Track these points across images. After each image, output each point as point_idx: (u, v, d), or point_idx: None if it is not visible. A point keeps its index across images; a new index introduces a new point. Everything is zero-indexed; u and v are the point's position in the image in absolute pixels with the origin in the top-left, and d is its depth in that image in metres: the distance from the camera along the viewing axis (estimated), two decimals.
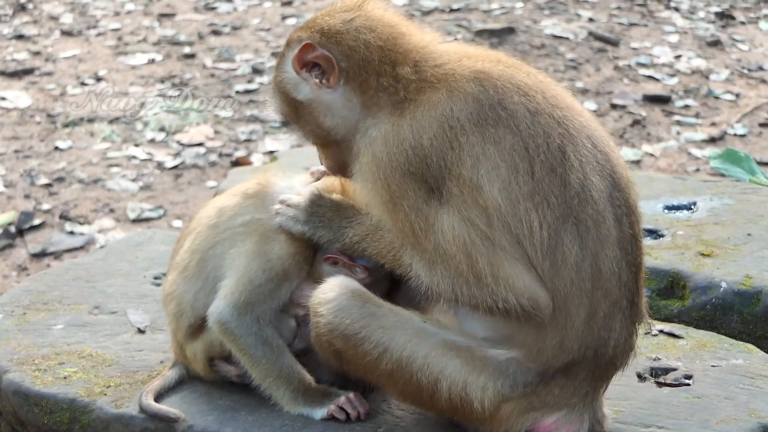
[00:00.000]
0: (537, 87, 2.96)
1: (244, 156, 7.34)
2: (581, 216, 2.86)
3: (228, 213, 3.21)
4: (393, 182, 2.90)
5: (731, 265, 3.98)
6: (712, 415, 3.20)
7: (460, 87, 2.90)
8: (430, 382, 2.93)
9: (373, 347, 2.93)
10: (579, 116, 2.99)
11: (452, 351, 2.94)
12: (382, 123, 2.96)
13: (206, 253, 3.21)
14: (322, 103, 3.07)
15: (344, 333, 2.94)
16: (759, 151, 7.46)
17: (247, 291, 3.10)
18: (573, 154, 2.89)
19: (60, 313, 3.81)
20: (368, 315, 2.95)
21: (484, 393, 2.93)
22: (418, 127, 2.89)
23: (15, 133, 7.81)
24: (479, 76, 2.92)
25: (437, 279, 2.89)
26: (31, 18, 10.21)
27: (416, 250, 2.91)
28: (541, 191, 2.84)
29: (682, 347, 3.57)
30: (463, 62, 2.98)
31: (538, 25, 9.64)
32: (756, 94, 8.45)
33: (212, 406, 3.21)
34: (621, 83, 8.57)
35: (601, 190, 2.91)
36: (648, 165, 7.26)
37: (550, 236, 2.84)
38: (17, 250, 6.26)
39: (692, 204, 4.55)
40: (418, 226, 2.88)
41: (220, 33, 9.69)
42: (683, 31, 9.69)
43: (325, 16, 3.12)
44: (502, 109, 2.88)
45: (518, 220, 2.84)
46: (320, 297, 2.98)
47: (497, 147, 2.85)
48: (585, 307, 2.88)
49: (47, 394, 3.32)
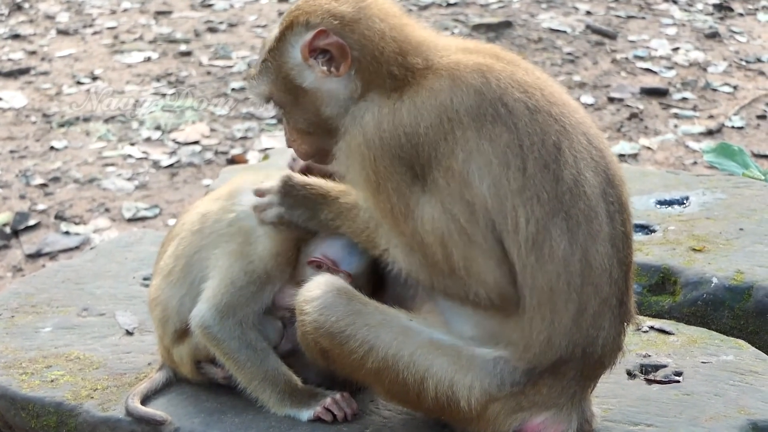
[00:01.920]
0: (536, 84, 2.95)
1: (240, 154, 7.33)
2: (572, 211, 2.84)
3: (212, 218, 3.20)
4: (381, 163, 2.87)
5: (723, 261, 3.95)
6: (702, 412, 3.18)
7: (463, 77, 2.88)
8: (416, 380, 2.91)
9: (359, 345, 2.91)
10: (575, 113, 2.97)
11: (439, 350, 2.93)
12: (377, 105, 2.92)
13: (191, 258, 3.20)
14: (326, 91, 2.99)
15: (330, 331, 2.92)
16: (756, 144, 7.44)
17: (228, 293, 3.09)
18: (568, 150, 2.88)
19: (48, 315, 3.80)
20: (354, 313, 2.93)
21: (471, 392, 2.91)
22: (416, 114, 2.86)
23: (10, 133, 7.80)
24: (482, 69, 2.90)
25: (415, 267, 2.90)
26: (27, 17, 10.19)
27: (393, 233, 2.90)
28: (532, 187, 2.82)
29: (672, 344, 3.55)
30: (468, 55, 2.96)
31: (535, 19, 9.61)
32: (754, 86, 8.42)
33: (199, 408, 3.19)
34: (618, 76, 8.54)
35: (594, 185, 2.89)
36: (645, 158, 7.24)
37: (538, 231, 2.82)
38: (12, 250, 6.26)
39: (684, 199, 4.52)
40: (398, 210, 2.87)
41: (217, 30, 9.68)
42: (681, 24, 9.66)
43: (331, 0, 3.00)
44: (502, 105, 2.86)
45: (504, 216, 2.82)
46: (306, 295, 2.96)
47: (492, 144, 2.83)
48: (574, 303, 2.86)
49: (34, 398, 3.30)
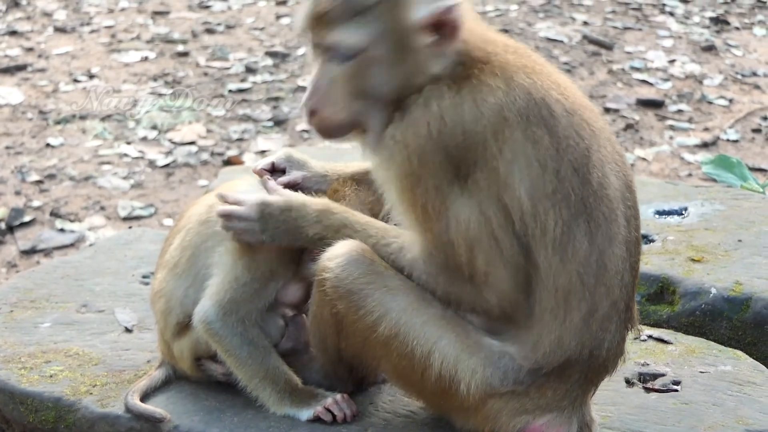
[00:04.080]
0: (568, 87, 2.99)
1: (236, 155, 7.32)
2: (594, 213, 2.89)
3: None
4: (432, 158, 2.86)
5: (721, 271, 3.97)
6: (700, 421, 3.19)
7: (515, 77, 2.90)
8: (423, 353, 2.93)
9: (375, 306, 2.93)
10: (599, 118, 3.03)
11: (450, 324, 2.95)
12: (442, 96, 2.89)
13: (197, 249, 3.20)
14: (422, 62, 2.93)
15: (349, 288, 2.94)
16: (751, 157, 7.46)
17: (232, 289, 3.09)
18: (596, 153, 2.92)
19: (47, 311, 3.79)
20: (375, 273, 2.96)
21: (473, 376, 2.93)
22: (477, 112, 2.86)
23: (6, 129, 7.78)
24: (527, 69, 2.94)
25: (433, 269, 2.92)
26: (25, 14, 10.18)
27: (418, 231, 2.92)
28: (563, 190, 2.86)
29: (670, 353, 3.57)
30: (510, 54, 2.98)
31: (532, 28, 9.63)
32: (749, 100, 8.45)
33: (198, 406, 3.19)
34: (615, 87, 8.56)
35: (616, 189, 2.95)
36: (640, 169, 7.26)
37: (563, 233, 2.85)
38: (7, 246, 6.24)
39: (683, 209, 4.54)
40: (432, 206, 2.88)
41: (214, 31, 9.67)
42: (677, 36, 9.69)
43: None
44: (545, 107, 2.88)
45: (535, 219, 2.85)
46: (331, 252, 2.98)
47: (534, 146, 2.86)
48: (586, 303, 2.89)
49: (33, 393, 3.30)
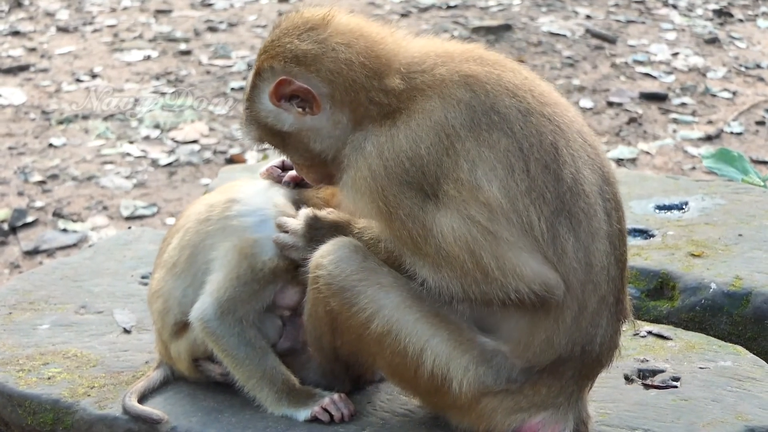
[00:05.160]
0: (525, 86, 2.96)
1: (239, 153, 7.32)
2: (573, 209, 2.88)
3: (219, 208, 3.20)
4: (389, 193, 2.87)
5: (721, 266, 3.95)
6: (699, 417, 3.18)
7: (452, 94, 2.89)
8: (416, 350, 2.92)
9: (368, 303, 2.92)
10: (567, 112, 3.00)
11: (443, 322, 2.94)
12: (374, 135, 2.92)
13: (196, 248, 3.18)
14: (309, 130, 3.00)
15: (342, 285, 2.93)
16: (755, 150, 7.44)
17: (232, 287, 3.09)
18: (565, 149, 2.91)
19: (46, 312, 3.79)
20: (367, 269, 2.95)
21: (465, 374, 2.92)
22: (414, 137, 2.87)
23: (9, 129, 7.80)
24: (469, 81, 2.91)
25: (445, 282, 2.88)
26: (27, 14, 10.19)
27: (417, 257, 2.90)
28: (537, 188, 2.85)
29: (670, 349, 3.55)
30: (449, 65, 2.95)
31: (535, 22, 9.61)
32: (753, 92, 8.43)
33: (196, 407, 3.19)
34: (618, 81, 8.54)
35: (592, 183, 2.93)
36: (644, 163, 7.24)
37: (548, 228, 2.84)
38: (10, 247, 6.25)
39: (683, 204, 4.52)
40: (416, 233, 2.87)
41: (216, 30, 9.67)
42: (681, 29, 9.67)
43: (292, 37, 2.97)
44: (495, 113, 2.87)
45: (518, 215, 2.84)
46: (323, 249, 2.98)
47: (492, 150, 2.85)
48: (576, 301, 2.88)
49: (31, 395, 3.30)
